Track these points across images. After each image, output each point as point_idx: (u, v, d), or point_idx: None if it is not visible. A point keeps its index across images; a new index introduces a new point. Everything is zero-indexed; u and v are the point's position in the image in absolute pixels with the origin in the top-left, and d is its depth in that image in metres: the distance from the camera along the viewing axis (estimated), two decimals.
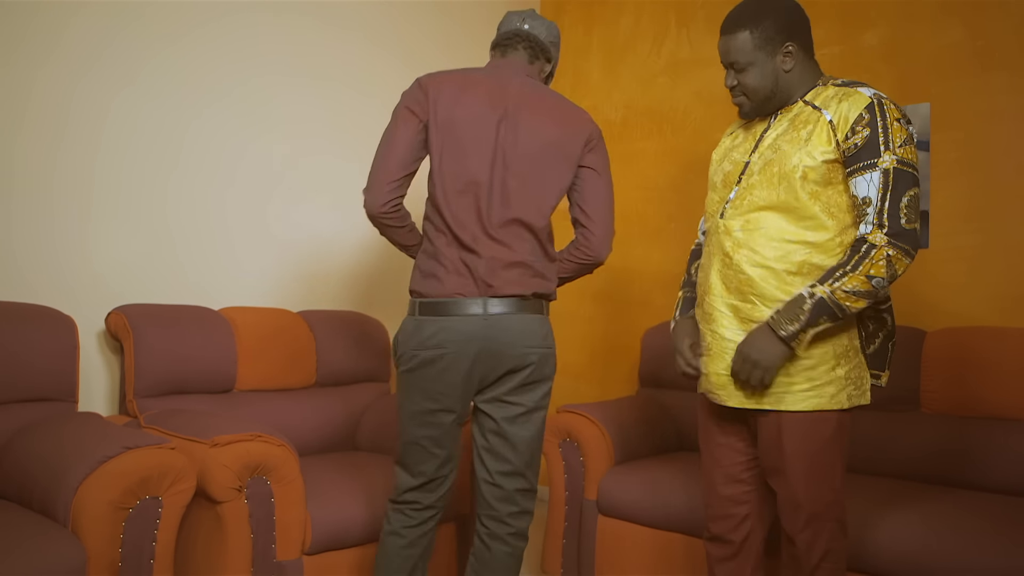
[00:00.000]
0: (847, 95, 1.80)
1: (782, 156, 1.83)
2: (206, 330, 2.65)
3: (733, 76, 1.89)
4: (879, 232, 1.73)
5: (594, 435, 2.80)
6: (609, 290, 3.95)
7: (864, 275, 1.72)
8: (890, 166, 1.73)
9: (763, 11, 1.84)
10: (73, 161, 2.60)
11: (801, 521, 1.83)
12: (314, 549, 2.24)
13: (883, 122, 1.74)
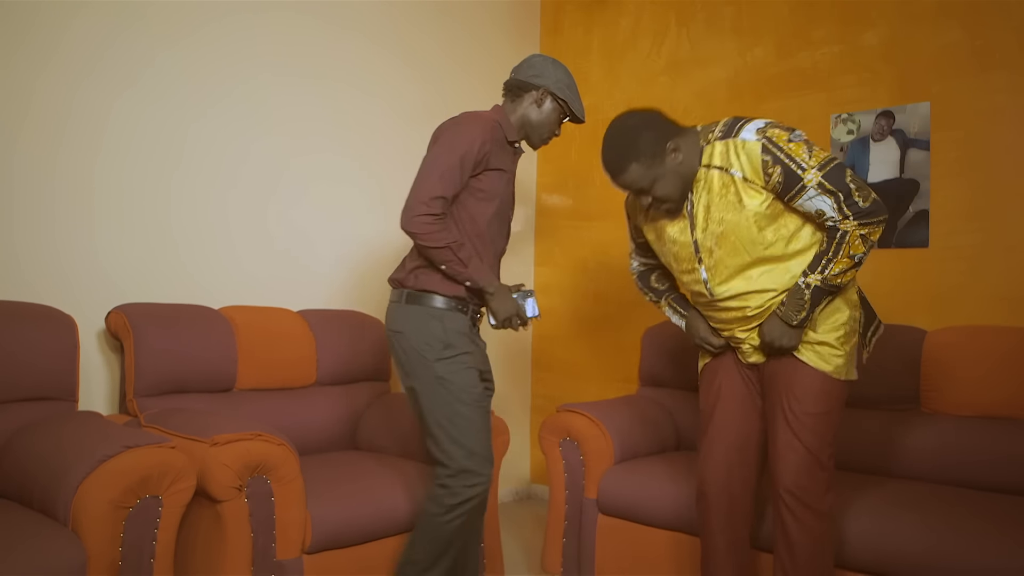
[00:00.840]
0: (738, 148, 2.00)
1: (730, 225, 2.02)
2: (206, 329, 2.65)
3: (647, 197, 2.08)
4: (847, 221, 1.94)
5: (594, 434, 2.80)
6: (609, 290, 3.95)
7: (846, 256, 1.95)
8: (816, 178, 1.94)
9: (634, 140, 2.03)
10: (74, 161, 2.61)
11: (798, 464, 2.02)
12: (314, 548, 2.24)
13: (782, 153, 1.96)
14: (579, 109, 2.37)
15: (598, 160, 4.03)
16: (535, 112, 2.35)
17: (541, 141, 2.41)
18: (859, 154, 3.17)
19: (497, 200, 2.31)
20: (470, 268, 2.22)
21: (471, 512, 2.21)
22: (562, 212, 4.16)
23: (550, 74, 2.33)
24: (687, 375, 3.18)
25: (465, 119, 2.28)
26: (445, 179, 2.19)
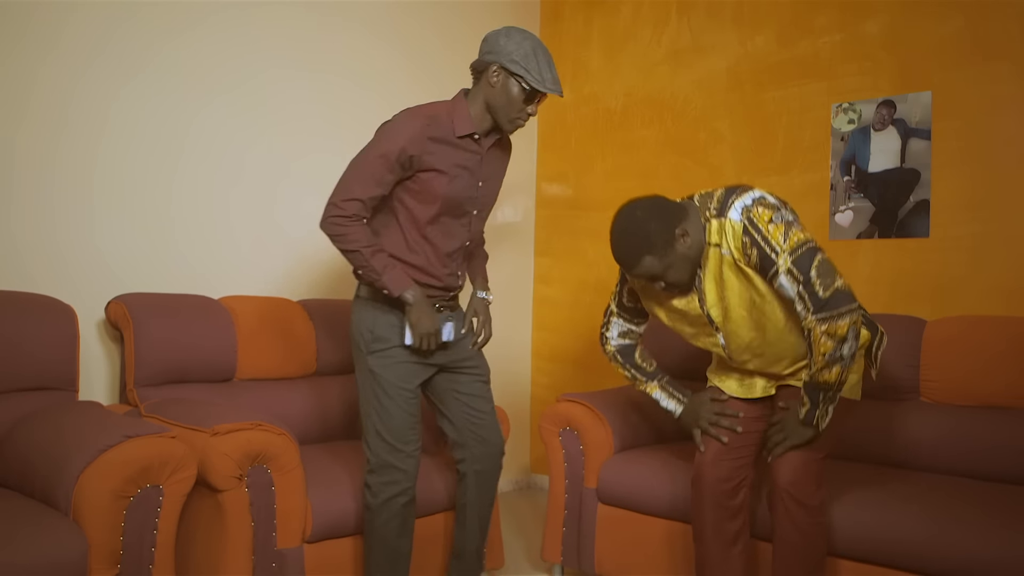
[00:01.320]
0: (725, 227, 2.03)
1: (733, 302, 2.09)
2: (206, 319, 2.65)
3: (661, 284, 2.12)
4: (809, 317, 1.97)
5: (594, 424, 2.81)
6: (610, 279, 3.94)
7: (820, 355, 1.98)
8: (787, 265, 1.96)
9: (644, 232, 2.06)
10: (74, 151, 2.60)
11: (796, 466, 2.07)
12: (315, 537, 2.25)
13: (759, 235, 1.98)
14: (540, 79, 2.10)
15: (598, 149, 4.02)
16: (491, 92, 2.15)
17: (509, 123, 2.19)
18: (860, 143, 3.16)
19: (438, 203, 2.18)
20: (384, 276, 2.13)
21: (403, 515, 2.20)
22: (562, 202, 4.16)
23: (502, 47, 2.10)
24: (686, 364, 3.18)
25: (399, 117, 2.16)
26: (361, 181, 2.12)
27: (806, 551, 2.08)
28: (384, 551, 2.21)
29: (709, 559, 2.24)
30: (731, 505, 2.23)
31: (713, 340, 2.23)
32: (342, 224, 2.12)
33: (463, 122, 2.17)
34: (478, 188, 2.27)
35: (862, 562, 2.22)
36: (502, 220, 4.10)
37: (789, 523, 2.09)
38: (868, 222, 3.14)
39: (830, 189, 3.24)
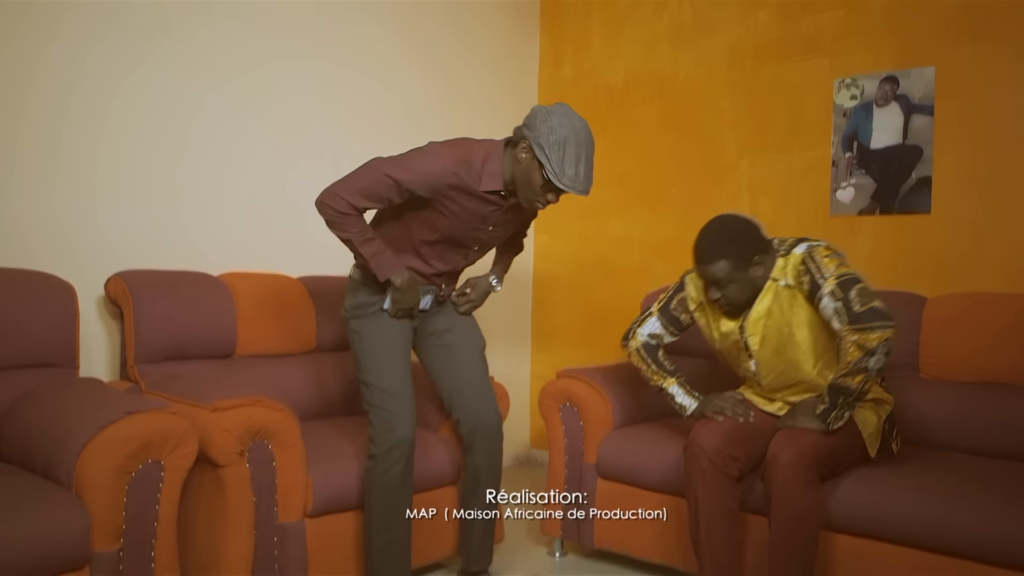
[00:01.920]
0: (788, 260, 2.25)
1: (771, 331, 2.27)
2: (206, 295, 2.65)
3: (717, 291, 2.27)
4: (843, 327, 2.13)
5: (594, 399, 2.81)
6: (609, 258, 3.94)
7: (847, 363, 2.12)
8: (832, 287, 2.15)
9: (731, 239, 2.24)
10: (76, 129, 2.58)
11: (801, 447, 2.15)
12: (316, 512, 2.26)
13: (815, 264, 2.19)
14: (559, 173, 2.02)
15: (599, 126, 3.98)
16: (517, 167, 2.12)
17: (527, 202, 2.17)
18: (862, 119, 3.14)
19: (438, 234, 2.24)
20: (372, 262, 2.19)
21: (404, 463, 2.22)
22: None
23: (538, 126, 2.05)
24: (686, 340, 3.18)
25: (434, 154, 2.14)
26: (365, 191, 2.14)
27: (802, 526, 2.11)
28: (386, 502, 2.22)
29: (701, 525, 2.26)
30: (724, 473, 2.25)
31: (747, 365, 2.39)
32: (335, 215, 2.17)
33: (492, 178, 2.15)
34: (487, 231, 2.29)
35: (859, 536, 2.23)
36: None
37: (786, 498, 2.11)
38: (869, 199, 3.13)
39: (832, 166, 3.22)
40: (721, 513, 2.25)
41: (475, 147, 2.16)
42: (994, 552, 2.02)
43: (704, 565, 2.26)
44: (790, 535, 2.11)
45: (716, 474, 2.25)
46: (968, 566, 2.07)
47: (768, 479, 2.16)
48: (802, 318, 2.24)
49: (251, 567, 2.13)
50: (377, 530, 2.25)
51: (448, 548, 2.64)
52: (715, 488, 2.24)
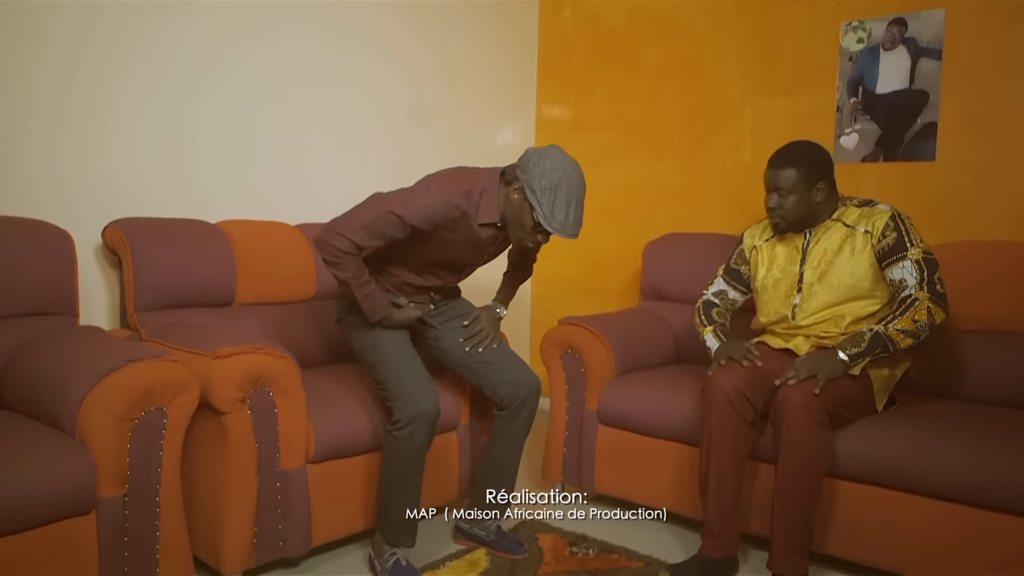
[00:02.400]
0: (872, 213, 2.38)
1: (837, 269, 2.38)
2: (204, 243, 2.63)
3: (776, 199, 2.40)
4: (922, 291, 2.26)
5: (595, 346, 2.82)
6: (610, 204, 3.91)
7: (911, 319, 2.23)
8: (919, 256, 2.30)
9: (806, 156, 2.39)
10: (81, 77, 2.53)
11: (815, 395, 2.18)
12: (318, 458, 2.28)
13: (903, 226, 2.33)
14: (548, 217, 2.07)
15: (600, 70, 3.93)
16: (509, 206, 2.16)
17: (517, 240, 2.23)
18: (868, 64, 3.09)
19: (435, 258, 2.29)
20: (364, 304, 2.22)
21: (423, 442, 2.20)
22: (562, 124, 4.09)
23: (531, 169, 2.10)
24: (688, 288, 3.18)
25: (434, 187, 2.15)
26: (368, 229, 2.12)
27: (809, 468, 2.13)
28: (405, 466, 2.22)
29: (712, 467, 2.28)
30: (740, 415, 2.27)
31: (788, 301, 2.47)
32: (338, 255, 2.14)
33: (489, 210, 2.18)
34: (483, 259, 2.38)
35: (857, 482, 2.26)
36: (502, 143, 4.04)
37: (795, 439, 2.13)
38: (873, 145, 3.09)
39: (836, 111, 3.18)
40: (731, 454, 2.27)
41: (475, 179, 2.19)
42: (991, 498, 2.05)
43: (708, 504, 2.29)
44: (797, 476, 2.13)
45: (732, 416, 2.26)
46: (965, 511, 2.10)
47: (779, 420, 2.18)
48: (848, 254, 2.36)
49: (254, 512, 2.15)
50: (393, 489, 2.24)
51: (451, 493, 2.68)
52: (729, 430, 2.26)
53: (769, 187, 2.42)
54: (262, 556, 2.19)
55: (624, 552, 2.48)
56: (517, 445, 2.46)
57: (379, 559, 2.27)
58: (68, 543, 1.82)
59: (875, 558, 2.25)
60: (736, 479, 2.28)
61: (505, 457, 2.46)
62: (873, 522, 2.23)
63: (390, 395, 2.24)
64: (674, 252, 3.31)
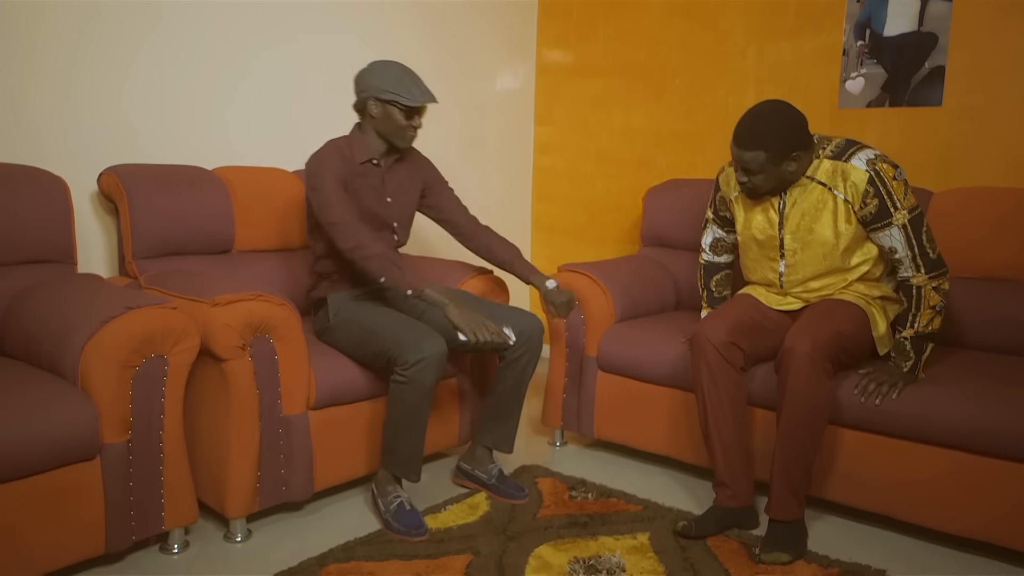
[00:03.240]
0: (846, 173, 2.22)
1: (818, 237, 2.28)
2: (201, 190, 2.61)
3: (745, 175, 2.26)
4: (919, 275, 2.21)
5: (595, 293, 2.82)
6: (610, 149, 3.87)
7: (928, 307, 2.22)
8: (904, 220, 2.19)
9: (775, 133, 2.18)
10: (59, 16, 2.47)
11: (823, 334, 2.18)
12: (319, 404, 2.29)
13: (884, 188, 2.18)
14: (411, 96, 2.33)
15: (601, 14, 3.87)
16: (376, 122, 2.40)
17: (403, 140, 2.43)
18: (876, 5, 3.02)
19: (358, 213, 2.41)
20: (407, 277, 2.29)
21: (430, 386, 2.20)
22: (563, 68, 4.02)
23: (369, 82, 2.36)
24: (689, 235, 3.17)
25: (323, 150, 2.40)
26: (337, 201, 2.31)
27: (812, 415, 2.14)
28: (413, 409, 2.22)
29: (710, 416, 2.29)
30: (729, 363, 2.28)
31: (773, 266, 2.41)
32: (353, 237, 2.28)
33: (362, 150, 2.44)
34: (388, 203, 2.51)
35: (855, 429, 2.28)
36: (501, 87, 3.98)
37: (800, 387, 2.13)
38: (879, 90, 3.04)
39: (842, 54, 3.12)
40: (728, 403, 2.28)
41: (337, 140, 2.45)
42: (991, 444, 2.06)
43: (715, 455, 2.30)
44: (800, 423, 2.14)
45: (721, 364, 2.27)
46: (964, 457, 2.12)
47: (784, 368, 2.18)
48: (829, 221, 2.26)
49: (257, 458, 2.17)
50: (402, 427, 2.24)
51: (452, 439, 2.71)
52: (720, 378, 2.28)
53: (736, 164, 2.27)
54: (265, 500, 2.22)
55: (623, 496, 2.51)
56: (522, 382, 2.48)
57: (383, 499, 2.31)
58: (74, 488, 1.84)
59: (873, 504, 2.27)
60: (739, 428, 2.29)
61: (510, 394, 2.48)
62: (873, 469, 2.25)
63: (394, 349, 2.22)
64: (675, 198, 3.28)
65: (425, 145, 3.61)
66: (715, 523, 2.26)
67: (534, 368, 2.48)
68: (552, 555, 2.13)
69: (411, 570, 2.04)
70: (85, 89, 2.56)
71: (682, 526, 2.23)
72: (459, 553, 2.13)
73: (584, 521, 2.32)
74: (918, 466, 2.18)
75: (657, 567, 2.07)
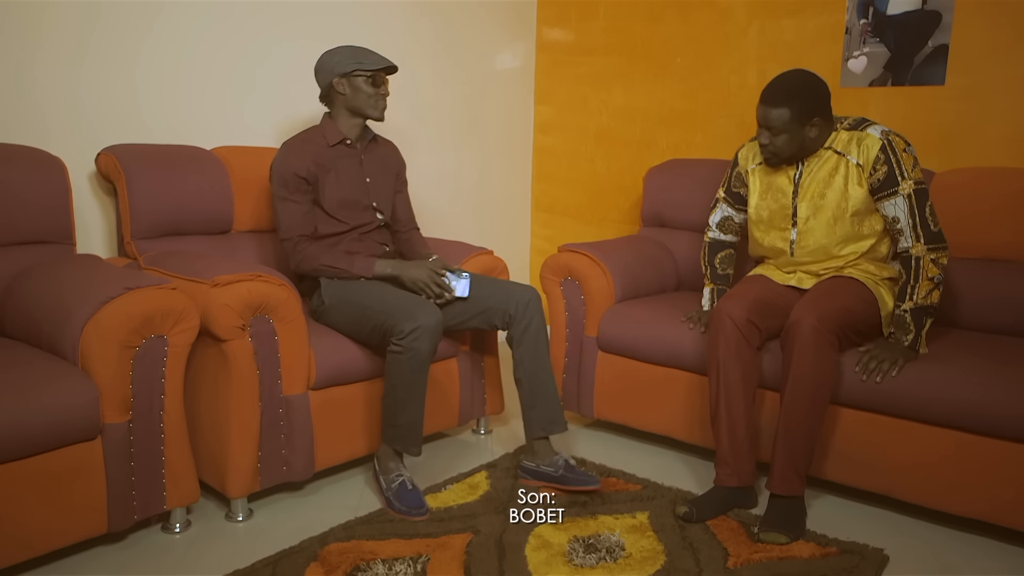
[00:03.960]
0: (861, 139, 2.31)
1: (829, 202, 2.35)
2: (200, 170, 2.60)
3: (768, 137, 2.34)
4: (919, 245, 2.26)
5: (595, 274, 2.82)
6: (611, 129, 3.85)
7: (927, 279, 2.25)
8: (909, 190, 2.26)
9: (800, 93, 2.29)
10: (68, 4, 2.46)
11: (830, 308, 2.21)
12: (319, 384, 2.30)
13: (895, 157, 2.27)
14: (372, 60, 2.46)
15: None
16: (345, 99, 2.49)
17: (376, 110, 2.50)
18: None
19: (331, 202, 2.48)
20: (354, 268, 2.43)
21: (426, 355, 2.22)
22: (563, 47, 3.99)
23: (326, 64, 2.49)
24: (689, 215, 3.16)
25: (280, 152, 2.47)
26: (287, 218, 2.43)
27: (816, 388, 2.15)
28: (411, 379, 2.23)
29: (722, 393, 2.28)
30: (748, 341, 2.27)
31: (784, 235, 2.45)
32: (299, 260, 2.43)
33: (333, 133, 2.51)
34: (368, 184, 2.57)
35: (858, 409, 2.28)
36: (501, 67, 3.95)
37: (806, 359, 2.13)
38: (882, 68, 3.02)
39: (845, 33, 3.09)
40: (742, 381, 2.27)
41: (307, 130, 2.54)
42: (992, 425, 2.07)
43: (720, 432, 2.29)
44: (805, 396, 2.14)
45: (740, 342, 2.27)
46: (965, 438, 2.12)
47: (790, 341, 2.17)
48: (841, 184, 2.33)
49: (258, 438, 2.18)
50: (400, 398, 2.24)
51: (451, 419, 2.71)
52: (739, 358, 2.27)
53: (760, 123, 2.35)
54: (266, 480, 2.23)
55: (622, 475, 2.52)
56: (539, 353, 2.43)
57: (385, 476, 2.31)
58: (75, 468, 1.85)
59: (873, 484, 2.28)
60: (748, 407, 2.28)
61: (534, 370, 2.42)
62: (874, 449, 2.26)
63: (388, 321, 2.23)
64: (676, 178, 3.27)
65: (424, 126, 3.60)
66: (715, 506, 2.26)
67: (546, 337, 2.46)
68: (552, 534, 2.14)
69: (412, 549, 2.05)
70: (88, 69, 2.54)
71: (683, 512, 2.22)
72: (459, 532, 2.14)
73: (584, 500, 2.33)
74: (919, 446, 2.18)
75: (656, 546, 2.09)
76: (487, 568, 1.97)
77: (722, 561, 2.02)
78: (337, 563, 1.97)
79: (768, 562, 2.01)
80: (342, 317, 2.38)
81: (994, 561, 2.09)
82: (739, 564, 2.00)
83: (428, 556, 2.02)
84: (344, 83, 2.46)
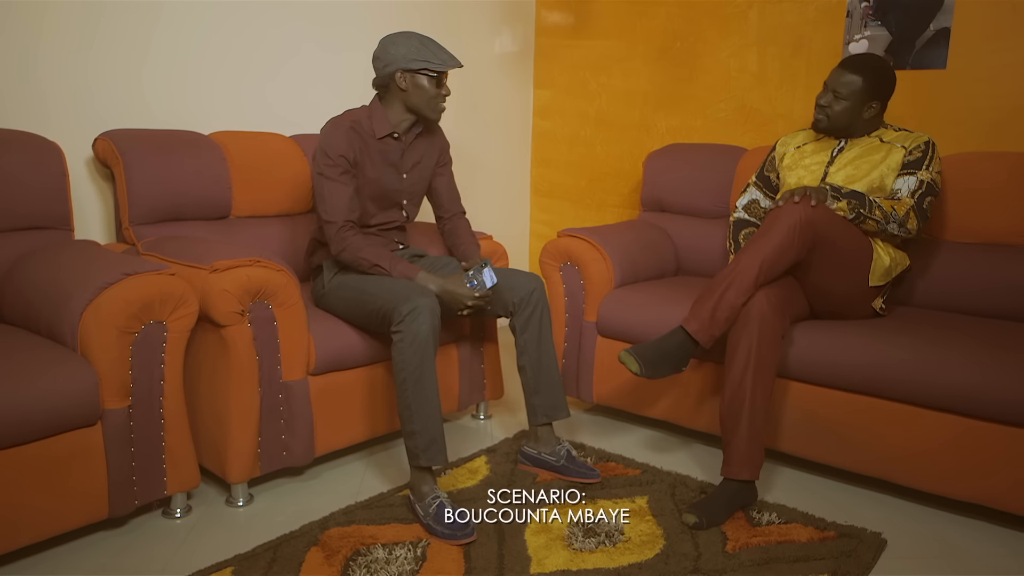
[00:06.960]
0: (911, 136, 2.49)
1: (862, 173, 2.46)
2: (198, 155, 2.58)
3: (829, 99, 2.49)
4: (911, 198, 2.40)
5: (595, 258, 2.81)
6: (611, 113, 3.84)
7: (890, 206, 2.36)
8: (926, 178, 2.41)
9: (878, 72, 2.46)
10: None
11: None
12: (319, 370, 2.30)
13: (932, 153, 2.45)
14: (442, 60, 2.34)
15: None
16: (405, 95, 2.38)
17: (435, 111, 2.42)
18: None
19: (366, 191, 2.43)
20: (393, 272, 2.34)
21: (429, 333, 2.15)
22: (563, 30, 3.97)
23: (394, 54, 2.33)
24: (689, 199, 3.16)
25: (330, 122, 2.39)
26: (331, 199, 2.34)
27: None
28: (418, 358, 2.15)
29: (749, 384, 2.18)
30: (777, 333, 2.22)
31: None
32: (340, 241, 2.35)
33: (381, 125, 2.41)
34: (404, 180, 2.50)
35: (854, 392, 2.29)
36: (500, 50, 3.93)
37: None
38: (883, 52, 3.01)
39: (846, 16, 3.08)
40: (767, 371, 2.19)
41: (356, 112, 2.43)
42: (990, 409, 2.08)
43: (740, 428, 2.17)
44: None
45: (773, 331, 2.19)
46: (963, 422, 2.14)
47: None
48: (878, 161, 2.46)
49: (258, 423, 2.18)
50: (413, 397, 2.14)
51: (451, 404, 2.72)
52: (772, 350, 2.19)
53: (827, 85, 2.48)
54: (267, 465, 2.23)
55: (621, 460, 2.53)
56: (543, 339, 2.42)
57: (421, 504, 2.11)
58: (76, 454, 1.85)
59: (871, 468, 2.29)
60: (771, 399, 2.22)
61: (537, 357, 2.41)
62: (871, 433, 2.26)
63: (386, 306, 2.20)
64: (676, 163, 3.26)
65: None
66: (724, 508, 2.16)
67: (550, 324, 2.45)
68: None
69: (411, 533, 2.06)
70: (92, 54, 2.52)
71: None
72: None
73: (583, 484, 2.34)
74: (917, 431, 2.19)
75: (655, 530, 2.09)
76: (487, 552, 1.98)
77: (721, 545, 2.03)
78: (337, 547, 1.98)
79: (766, 546, 2.02)
80: (340, 302, 2.38)
81: (992, 545, 2.10)
82: (738, 548, 2.01)
83: (428, 540, 2.03)
84: (407, 78, 2.35)
